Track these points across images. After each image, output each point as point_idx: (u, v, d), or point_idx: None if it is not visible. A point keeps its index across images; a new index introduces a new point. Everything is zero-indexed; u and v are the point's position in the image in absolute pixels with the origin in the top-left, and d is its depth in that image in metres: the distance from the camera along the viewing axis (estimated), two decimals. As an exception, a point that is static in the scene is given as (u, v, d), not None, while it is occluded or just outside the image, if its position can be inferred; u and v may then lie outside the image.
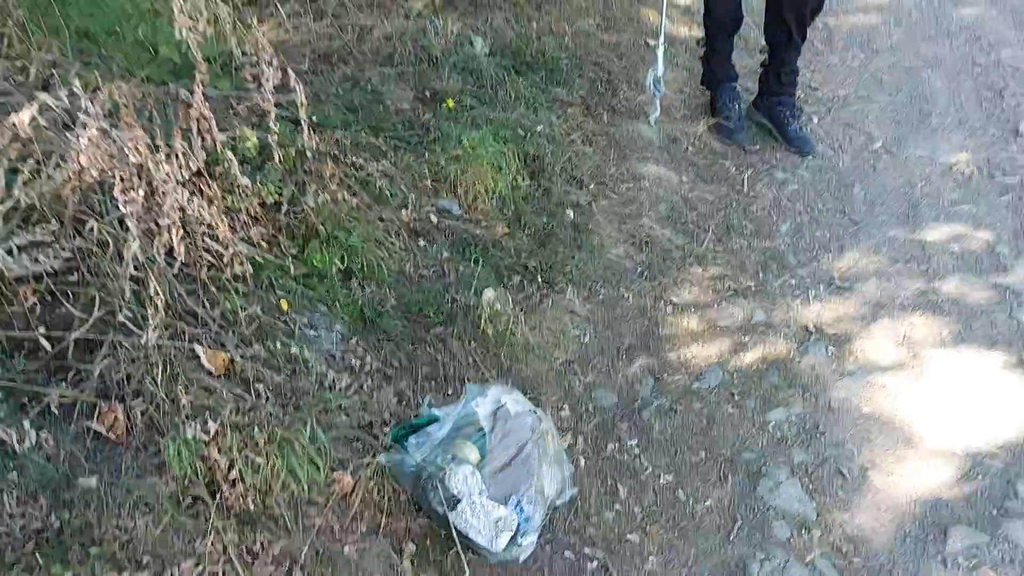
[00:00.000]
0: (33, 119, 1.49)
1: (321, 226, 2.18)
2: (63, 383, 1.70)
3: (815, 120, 3.41)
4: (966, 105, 3.54)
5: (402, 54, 3.18)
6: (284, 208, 2.20)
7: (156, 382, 1.71)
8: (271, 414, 1.79)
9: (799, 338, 2.44)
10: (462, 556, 1.75)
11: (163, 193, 1.65)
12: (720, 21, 3.18)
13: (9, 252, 1.58)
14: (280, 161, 2.13)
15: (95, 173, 1.53)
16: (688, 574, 1.86)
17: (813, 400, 2.26)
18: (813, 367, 2.34)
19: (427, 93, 3.02)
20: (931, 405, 2.24)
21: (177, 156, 1.67)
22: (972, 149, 3.26)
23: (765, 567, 1.86)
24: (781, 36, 3.11)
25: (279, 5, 3.18)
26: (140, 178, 1.61)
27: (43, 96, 1.53)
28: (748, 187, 3.05)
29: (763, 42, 3.28)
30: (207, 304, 1.94)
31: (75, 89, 1.55)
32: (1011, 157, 3.22)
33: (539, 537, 1.81)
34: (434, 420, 1.84)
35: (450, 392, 2.07)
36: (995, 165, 3.18)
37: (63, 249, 1.68)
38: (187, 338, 1.86)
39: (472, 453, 1.76)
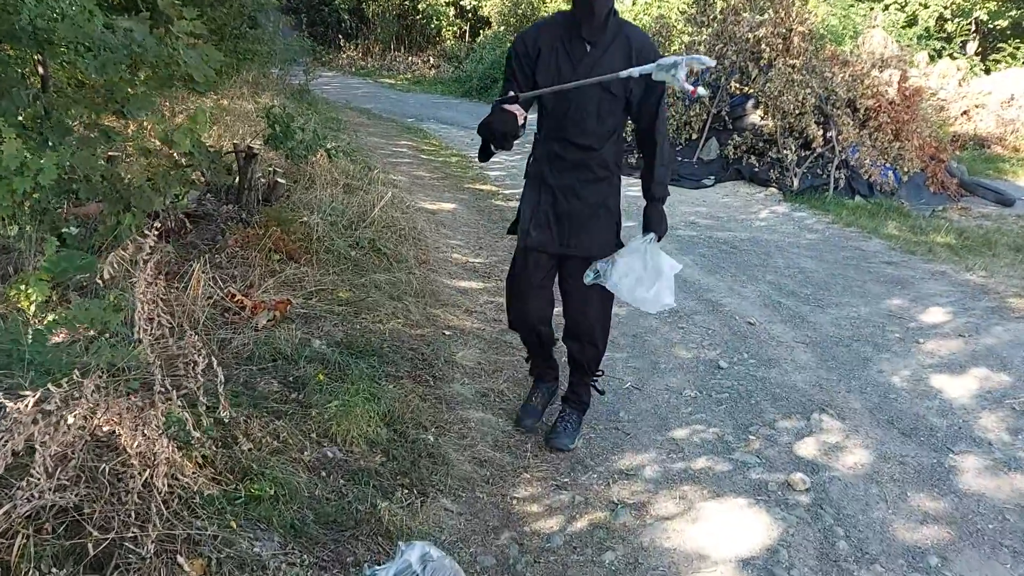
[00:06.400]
0: None
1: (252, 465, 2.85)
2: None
3: (581, 373, 4.54)
4: (680, 354, 4.90)
5: (260, 356, 3.98)
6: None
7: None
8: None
9: (610, 508, 3.32)
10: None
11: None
12: (525, 341, 3.94)
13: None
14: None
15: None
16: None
17: (631, 543, 3.11)
18: (624, 524, 3.21)
19: (290, 379, 3.80)
20: (704, 533, 3.17)
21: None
22: (691, 381, 4.54)
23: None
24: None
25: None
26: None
27: None
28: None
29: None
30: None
31: None
32: (717, 383, 4.53)
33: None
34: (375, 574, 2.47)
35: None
36: (710, 388, 4.46)
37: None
38: (172, 551, 2.41)
39: (413, 590, 2.40)
